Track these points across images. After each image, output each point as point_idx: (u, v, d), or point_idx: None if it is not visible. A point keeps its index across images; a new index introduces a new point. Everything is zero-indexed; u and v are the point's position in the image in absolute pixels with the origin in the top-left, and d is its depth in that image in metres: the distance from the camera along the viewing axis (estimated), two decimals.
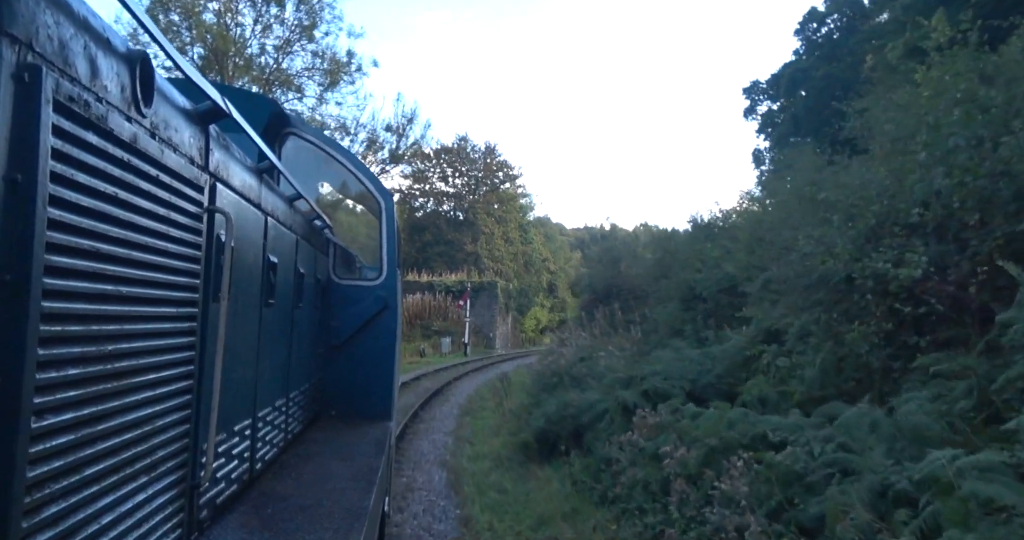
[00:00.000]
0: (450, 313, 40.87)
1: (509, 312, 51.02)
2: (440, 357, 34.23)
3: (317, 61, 30.22)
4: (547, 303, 70.99)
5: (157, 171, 1.90)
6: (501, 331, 47.13)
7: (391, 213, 5.78)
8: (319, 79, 30.24)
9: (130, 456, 1.82)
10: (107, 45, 1.59)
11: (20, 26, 1.24)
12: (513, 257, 56.57)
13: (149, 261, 1.87)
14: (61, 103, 1.37)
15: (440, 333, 38.20)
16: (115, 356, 1.70)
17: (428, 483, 9.67)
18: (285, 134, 5.54)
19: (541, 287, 65.97)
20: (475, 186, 56.19)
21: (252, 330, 3.13)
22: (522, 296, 56.91)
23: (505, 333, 49.08)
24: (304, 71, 30.12)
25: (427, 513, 8.22)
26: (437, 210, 55.81)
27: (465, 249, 52.57)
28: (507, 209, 55.91)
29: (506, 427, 13.74)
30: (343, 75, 30.26)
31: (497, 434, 13.43)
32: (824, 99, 30.58)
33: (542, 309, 68.48)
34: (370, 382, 5.64)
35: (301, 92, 30.60)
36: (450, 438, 13.23)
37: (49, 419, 1.40)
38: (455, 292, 41.98)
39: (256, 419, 3.36)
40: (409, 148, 36.27)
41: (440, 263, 50.07)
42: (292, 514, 3.02)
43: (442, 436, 13.41)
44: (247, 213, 2.92)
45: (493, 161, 56.05)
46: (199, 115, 2.30)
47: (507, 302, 49.69)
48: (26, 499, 1.32)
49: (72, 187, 1.44)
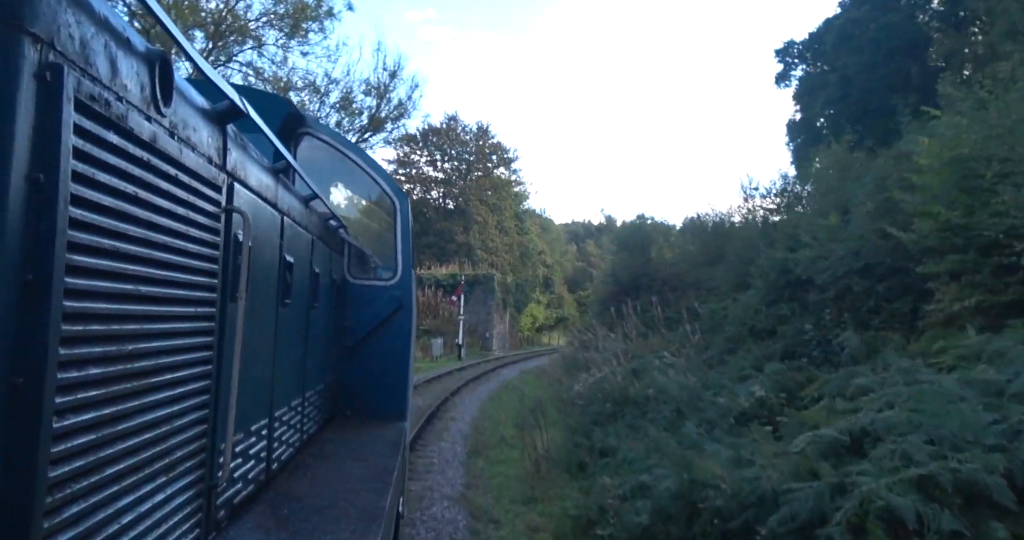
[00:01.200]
0: (441, 310, 35.80)
1: (507, 309, 45.92)
2: (431, 362, 29.19)
3: (279, 7, 24.95)
4: (544, 299, 66.12)
5: (176, 171, 1.92)
6: (498, 330, 42.04)
7: (406, 213, 5.77)
8: (281, 26, 24.97)
9: (149, 456, 1.83)
10: (127, 44, 1.59)
11: (42, 25, 1.24)
12: (508, 248, 51.50)
13: (168, 261, 1.88)
14: (82, 102, 1.38)
15: (431, 333, 33.08)
16: (135, 356, 1.71)
17: None
18: (300, 134, 5.53)
19: (538, 281, 61.00)
20: (466, 171, 51.06)
21: (269, 330, 3.17)
22: (519, 291, 51.87)
23: (503, 333, 43.99)
24: (263, 17, 24.87)
25: None
26: (425, 197, 50.60)
27: (456, 240, 47.44)
28: (501, 196, 50.78)
29: (546, 486, 8.68)
30: (310, 21, 24.97)
31: (531, 498, 8.44)
32: (881, 57, 25.99)
33: (538, 306, 63.57)
34: (385, 382, 5.59)
35: (260, 42, 25.31)
36: (457, 510, 8.15)
37: (70, 419, 1.40)
38: (447, 287, 36.89)
39: (272, 419, 3.37)
40: (393, 111, 30.37)
41: (429, 255, 44.88)
42: (308, 514, 3.03)
43: (443, 507, 8.31)
44: (264, 213, 2.95)
45: (486, 143, 50.96)
46: (217, 115, 2.31)
47: (504, 297, 44.61)
48: (47, 499, 1.32)
49: (93, 186, 1.45)
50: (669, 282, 21.87)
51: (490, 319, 39.80)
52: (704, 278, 18.54)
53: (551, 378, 19.98)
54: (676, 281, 21.40)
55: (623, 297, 23.94)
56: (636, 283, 23.09)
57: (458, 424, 14.47)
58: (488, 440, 12.66)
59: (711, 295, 17.74)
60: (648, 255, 24.76)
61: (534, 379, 25.41)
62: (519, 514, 7.93)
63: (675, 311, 19.37)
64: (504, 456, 11.19)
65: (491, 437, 12.93)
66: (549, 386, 18.74)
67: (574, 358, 20.29)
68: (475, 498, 8.65)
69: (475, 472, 10.09)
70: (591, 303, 31.75)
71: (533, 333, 62.27)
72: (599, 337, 21.29)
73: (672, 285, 21.48)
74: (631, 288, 23.08)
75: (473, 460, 10.90)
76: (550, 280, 67.17)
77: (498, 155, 51.67)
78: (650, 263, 23.94)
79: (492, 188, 50.83)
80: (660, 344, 16.09)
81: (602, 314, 24.18)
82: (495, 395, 20.30)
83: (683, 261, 21.87)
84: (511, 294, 48.03)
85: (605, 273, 27.81)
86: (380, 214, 6.24)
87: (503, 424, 13.88)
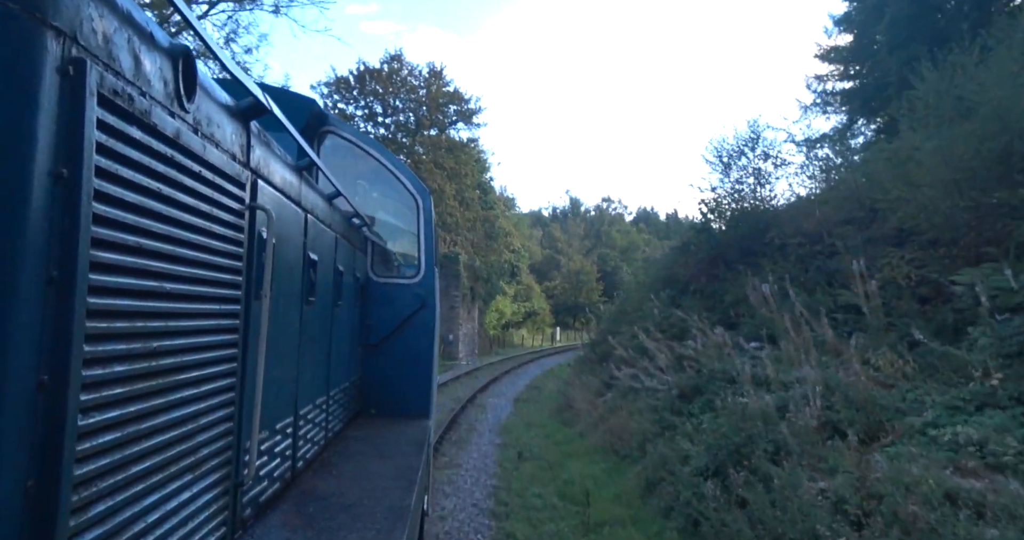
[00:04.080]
0: None
1: (475, 302, 34.94)
2: None
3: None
4: (511, 290, 55.40)
5: (200, 167, 1.89)
6: (465, 331, 31.02)
7: (428, 210, 5.74)
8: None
9: (175, 454, 1.80)
10: (150, 39, 1.58)
11: (64, 19, 1.23)
12: (471, 225, 40.42)
13: (193, 258, 1.86)
14: (106, 97, 1.36)
15: None
16: (160, 353, 1.68)
17: None
18: (323, 133, 5.47)
19: (505, 269, 50.29)
20: (416, 127, 39.77)
21: (293, 328, 3.15)
22: (487, 280, 40.94)
23: (471, 334, 32.93)
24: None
25: None
26: None
27: None
28: (460, 160, 39.66)
29: None
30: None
31: None
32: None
33: (505, 298, 52.86)
34: (409, 380, 5.57)
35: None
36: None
37: (95, 416, 1.39)
38: None
39: (298, 417, 3.37)
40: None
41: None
42: (334, 513, 3.00)
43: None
44: (287, 210, 2.94)
45: (440, 90, 39.72)
46: (240, 111, 2.28)
47: (473, 286, 33.62)
48: (73, 498, 1.30)
49: (117, 182, 1.43)
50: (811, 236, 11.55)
51: (454, 315, 28.87)
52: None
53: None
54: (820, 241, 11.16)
55: (712, 272, 13.41)
56: (745, 251, 12.68)
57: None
58: None
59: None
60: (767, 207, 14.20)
61: (546, 417, 14.77)
62: None
63: (837, 296, 9.15)
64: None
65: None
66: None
67: (673, 402, 9.87)
68: None
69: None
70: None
71: (500, 331, 51.52)
72: (699, 350, 10.75)
73: (810, 250, 11.27)
74: (732, 257, 12.81)
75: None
76: (516, 268, 56.50)
77: (457, 107, 40.47)
78: (777, 218, 13.37)
79: (449, 149, 39.66)
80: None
81: (680, 298, 13.78)
82: (491, 493, 9.61)
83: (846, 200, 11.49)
84: (480, 282, 37.05)
85: (683, 238, 17.10)
86: (402, 212, 6.09)
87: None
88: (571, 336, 67.56)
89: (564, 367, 29.80)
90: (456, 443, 12.39)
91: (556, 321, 68.73)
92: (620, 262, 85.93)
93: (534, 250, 69.36)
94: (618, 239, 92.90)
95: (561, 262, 76.85)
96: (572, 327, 72.89)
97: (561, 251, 79.51)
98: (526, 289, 59.50)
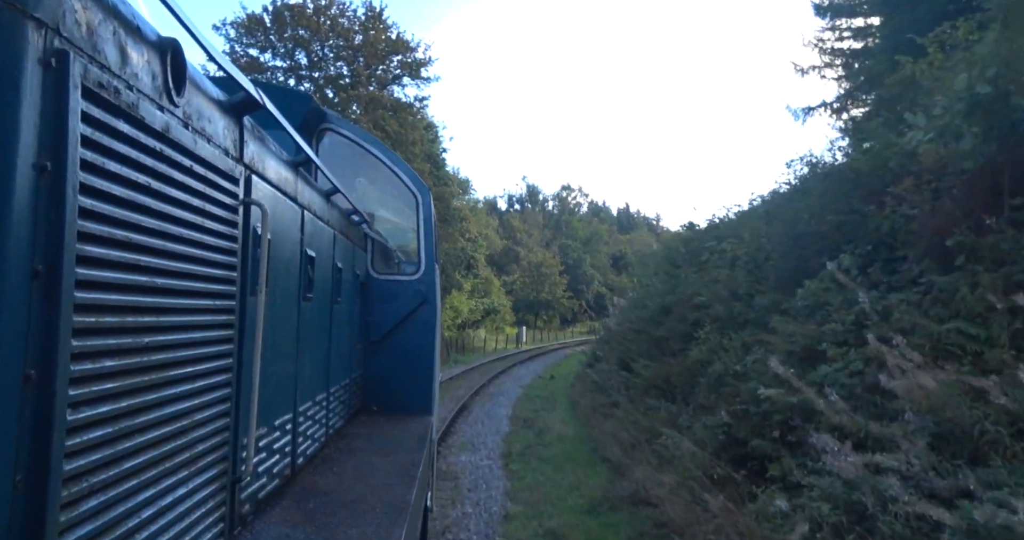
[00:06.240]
0: None
1: None
2: None
3: None
4: (468, 285, 47.83)
5: (191, 161, 1.86)
6: None
7: (428, 207, 5.79)
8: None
9: (170, 450, 1.79)
10: (137, 32, 1.55)
11: (46, 10, 1.20)
12: None
13: (184, 252, 1.83)
14: (90, 90, 1.33)
15: None
16: (152, 348, 1.67)
17: None
18: (321, 130, 5.47)
19: (462, 260, 42.73)
20: (351, 81, 31.73)
21: (291, 324, 3.15)
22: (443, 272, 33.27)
23: None
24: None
25: None
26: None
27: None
28: (405, 124, 31.76)
29: None
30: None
31: None
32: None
33: (460, 294, 45.25)
34: (410, 377, 5.59)
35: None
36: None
37: (85, 411, 1.37)
38: None
39: (296, 413, 3.37)
40: None
41: None
42: (334, 508, 2.98)
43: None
44: (283, 206, 2.91)
45: (380, 34, 31.76)
46: (233, 106, 2.26)
47: None
48: (63, 492, 1.29)
49: (103, 175, 1.40)
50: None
51: None
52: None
53: None
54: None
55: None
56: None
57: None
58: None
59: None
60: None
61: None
62: None
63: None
64: None
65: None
66: None
67: None
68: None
69: None
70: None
71: (456, 332, 43.90)
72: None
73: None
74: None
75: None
76: (474, 259, 48.93)
77: (402, 57, 32.54)
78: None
79: (392, 109, 31.74)
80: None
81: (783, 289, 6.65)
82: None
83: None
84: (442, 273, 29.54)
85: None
86: (402, 208, 6.11)
87: None
88: (537, 336, 60.55)
89: (554, 385, 22.49)
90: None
91: (517, 318, 61.47)
92: (583, 254, 79.54)
93: (493, 239, 61.79)
94: (579, 229, 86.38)
95: (521, 254, 69.59)
96: (535, 326, 65.98)
97: (520, 242, 72.25)
98: (484, 283, 52.00)
